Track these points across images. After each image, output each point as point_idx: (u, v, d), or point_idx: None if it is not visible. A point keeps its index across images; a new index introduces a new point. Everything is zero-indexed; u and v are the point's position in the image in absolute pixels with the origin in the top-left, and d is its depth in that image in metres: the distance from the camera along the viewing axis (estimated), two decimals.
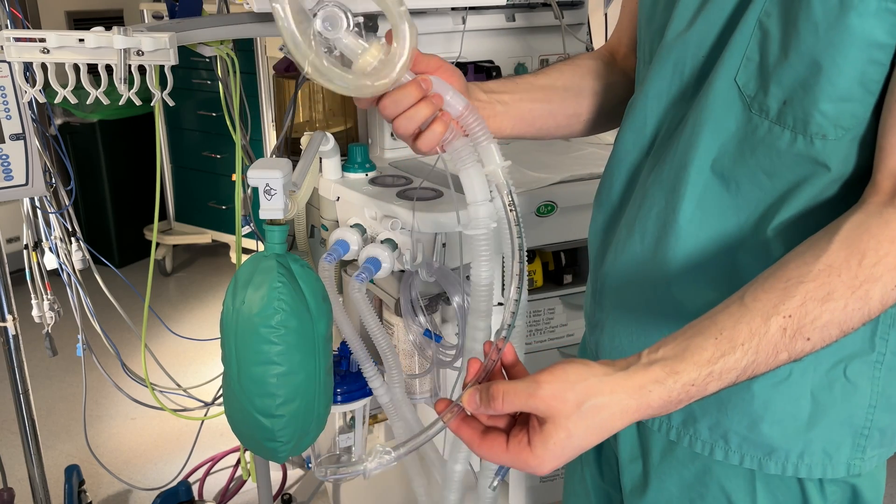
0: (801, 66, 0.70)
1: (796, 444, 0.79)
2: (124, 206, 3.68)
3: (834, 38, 0.67)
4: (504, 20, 1.75)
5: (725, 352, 0.63)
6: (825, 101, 0.70)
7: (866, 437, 0.79)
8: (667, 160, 0.81)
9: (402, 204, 1.37)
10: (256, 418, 1.06)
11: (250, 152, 1.59)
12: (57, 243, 1.73)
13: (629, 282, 0.87)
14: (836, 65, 0.68)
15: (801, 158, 0.72)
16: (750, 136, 0.75)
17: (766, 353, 0.63)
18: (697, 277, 0.80)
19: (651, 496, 0.89)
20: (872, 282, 0.63)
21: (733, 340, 0.63)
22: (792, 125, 0.72)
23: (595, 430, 0.62)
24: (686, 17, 0.80)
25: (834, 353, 0.76)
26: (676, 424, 0.85)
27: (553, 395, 0.62)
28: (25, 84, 1.22)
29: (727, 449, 0.82)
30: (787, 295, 0.64)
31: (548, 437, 0.62)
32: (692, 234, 0.79)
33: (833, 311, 0.63)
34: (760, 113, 0.74)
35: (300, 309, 1.04)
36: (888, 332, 0.77)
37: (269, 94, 3.07)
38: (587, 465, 1.04)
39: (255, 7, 1.36)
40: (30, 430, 1.69)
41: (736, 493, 0.83)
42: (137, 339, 1.69)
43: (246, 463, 2.01)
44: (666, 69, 0.82)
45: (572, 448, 0.62)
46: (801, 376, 0.78)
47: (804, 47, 0.69)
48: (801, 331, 0.63)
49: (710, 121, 0.76)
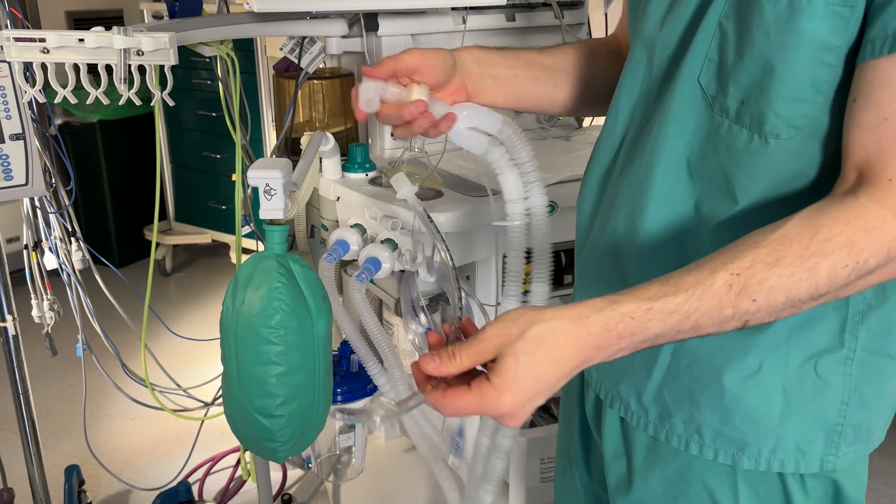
0: (755, 68, 0.72)
1: (768, 439, 0.80)
2: (124, 206, 3.68)
3: (785, 40, 0.69)
4: (504, 20, 1.75)
5: (668, 293, 0.65)
6: (779, 102, 0.71)
7: (839, 434, 0.80)
8: (635, 160, 0.83)
9: (403, 204, 1.37)
10: (256, 418, 1.06)
11: (250, 152, 1.59)
12: (57, 243, 1.73)
13: (598, 277, 0.90)
14: (787, 67, 0.70)
15: (755, 157, 0.74)
16: (713, 136, 0.76)
17: (711, 305, 0.65)
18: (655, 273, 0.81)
19: (636, 493, 0.89)
20: (822, 256, 0.65)
21: (678, 285, 0.66)
22: (749, 124, 0.74)
23: (545, 357, 0.64)
24: (657, 17, 0.82)
25: (804, 349, 0.78)
26: (653, 419, 0.86)
27: (497, 332, 0.65)
28: (25, 84, 1.22)
29: (702, 444, 0.83)
30: (737, 256, 0.66)
31: (500, 368, 0.64)
32: (656, 231, 0.81)
33: (780, 276, 0.65)
34: (721, 112, 0.75)
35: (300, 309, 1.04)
36: (857, 328, 0.77)
37: (269, 94, 3.07)
38: (576, 465, 1.04)
39: (255, 7, 1.36)
40: (30, 430, 1.69)
41: (718, 489, 0.83)
42: (137, 339, 1.69)
43: (246, 463, 2.01)
44: (638, 69, 0.84)
45: (526, 377, 0.64)
46: (772, 372, 0.78)
47: (757, 49, 0.71)
48: (746, 290, 0.65)
49: (675, 120, 0.78)
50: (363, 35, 1.63)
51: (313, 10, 1.47)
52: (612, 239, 0.86)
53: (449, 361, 0.66)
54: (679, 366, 0.83)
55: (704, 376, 0.81)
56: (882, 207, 0.66)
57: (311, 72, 1.58)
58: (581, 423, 1.02)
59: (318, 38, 1.57)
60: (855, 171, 0.68)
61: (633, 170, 0.83)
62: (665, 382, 0.84)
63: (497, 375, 0.64)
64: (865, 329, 0.78)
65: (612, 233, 0.86)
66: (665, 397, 0.84)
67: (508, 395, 0.64)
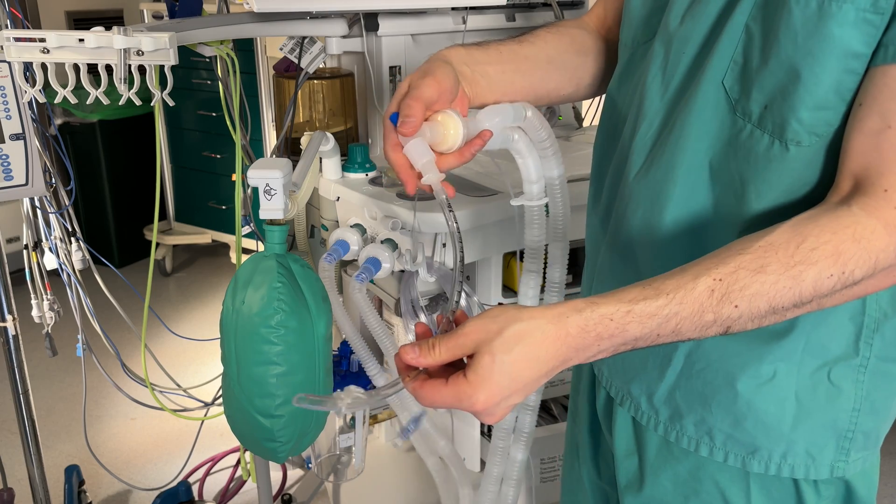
0: (780, 73, 0.70)
1: (779, 444, 0.80)
2: (124, 206, 3.68)
3: (813, 46, 0.68)
4: (504, 20, 1.75)
5: (648, 296, 0.65)
6: (803, 109, 0.70)
7: (850, 440, 0.80)
8: (655, 160, 0.81)
9: (403, 204, 1.37)
10: (256, 418, 1.06)
11: (250, 152, 1.59)
12: (57, 243, 1.73)
13: (611, 275, 0.89)
14: (814, 73, 0.68)
15: (773, 163, 0.73)
16: (734, 140, 0.75)
17: (691, 309, 0.65)
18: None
19: (647, 492, 0.89)
20: (807, 265, 0.64)
21: (659, 289, 0.65)
22: (771, 130, 0.72)
23: (522, 356, 0.64)
24: (679, 12, 0.79)
25: (819, 357, 0.77)
26: (664, 420, 0.86)
27: (476, 328, 0.65)
28: (25, 84, 1.22)
29: (712, 446, 0.83)
30: (722, 262, 0.66)
31: (476, 365, 0.64)
32: (674, 232, 0.80)
33: (763, 283, 0.64)
34: (744, 116, 0.74)
35: (300, 309, 1.04)
36: (872, 336, 0.77)
37: (269, 94, 3.07)
38: (584, 463, 1.04)
39: (255, 7, 1.36)
40: (30, 430, 1.69)
41: (730, 489, 0.83)
42: (137, 339, 1.69)
43: (246, 463, 2.01)
44: (655, 65, 0.82)
45: (502, 374, 0.64)
46: (786, 378, 0.78)
47: (784, 54, 0.69)
48: (728, 295, 0.64)
49: (698, 122, 0.77)
50: (363, 35, 1.63)
51: (313, 10, 1.47)
52: (627, 238, 0.85)
53: (428, 353, 0.66)
54: (693, 369, 0.82)
55: (718, 380, 0.81)
56: (874, 218, 0.65)
57: (311, 72, 1.58)
58: (591, 420, 1.02)
59: (318, 38, 1.57)
60: (850, 179, 0.67)
61: (652, 170, 0.81)
62: (677, 384, 0.84)
63: (473, 372, 0.64)
64: (880, 337, 0.77)
65: (628, 232, 0.85)
66: (677, 399, 0.84)
67: (483, 393, 0.64)
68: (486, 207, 1.38)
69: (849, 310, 0.76)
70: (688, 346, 0.82)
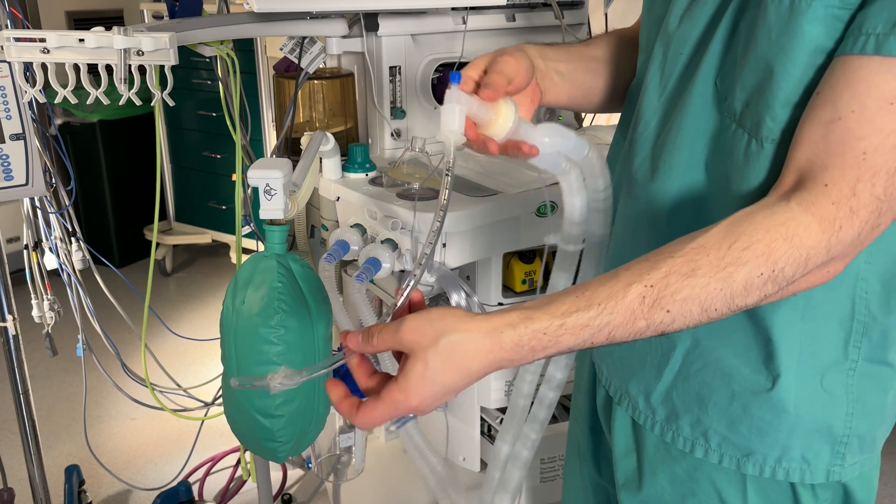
0: (758, 70, 0.71)
1: (774, 449, 0.80)
2: (124, 206, 3.68)
3: (784, 43, 0.68)
4: (504, 20, 1.75)
5: (580, 308, 0.65)
6: (777, 106, 0.70)
7: (846, 445, 0.80)
8: (656, 161, 0.82)
9: (403, 204, 1.37)
10: (256, 418, 1.06)
11: (250, 152, 1.59)
12: (57, 243, 1.73)
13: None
14: (785, 69, 0.69)
15: (751, 161, 0.73)
16: (722, 138, 0.75)
17: (623, 317, 0.65)
18: None
19: (645, 491, 0.89)
20: (738, 265, 0.64)
21: (591, 300, 0.65)
22: (749, 127, 0.73)
23: (454, 367, 0.65)
24: (678, 13, 0.80)
25: (813, 365, 0.77)
26: (661, 419, 0.86)
27: (413, 328, 0.65)
28: (25, 84, 1.22)
29: (707, 447, 0.83)
30: (653, 266, 0.66)
31: (408, 369, 0.65)
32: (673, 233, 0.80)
33: (694, 286, 0.64)
34: (729, 115, 0.74)
35: (300, 309, 1.04)
36: (860, 340, 0.77)
37: (269, 94, 3.07)
38: (585, 461, 1.04)
39: (255, 7, 1.36)
40: (30, 430, 1.69)
41: (727, 490, 0.83)
42: (137, 339, 1.69)
43: (246, 463, 2.01)
44: (654, 65, 0.82)
45: (433, 382, 0.65)
46: (781, 386, 0.78)
47: (760, 51, 0.70)
48: (660, 301, 0.65)
49: (693, 122, 0.77)
50: (363, 35, 1.63)
51: (313, 10, 1.47)
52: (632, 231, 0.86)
53: (366, 341, 0.68)
54: (690, 369, 0.82)
55: (715, 382, 0.81)
56: (809, 214, 0.65)
57: (311, 72, 1.58)
58: (591, 418, 1.02)
59: (318, 38, 1.57)
60: (795, 173, 0.67)
61: (652, 169, 0.82)
62: (675, 384, 0.84)
63: (405, 377, 0.65)
64: (867, 340, 0.77)
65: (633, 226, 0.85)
66: (674, 399, 0.84)
67: (415, 398, 0.66)
68: (486, 207, 1.38)
69: (837, 315, 0.76)
70: (686, 347, 0.82)
